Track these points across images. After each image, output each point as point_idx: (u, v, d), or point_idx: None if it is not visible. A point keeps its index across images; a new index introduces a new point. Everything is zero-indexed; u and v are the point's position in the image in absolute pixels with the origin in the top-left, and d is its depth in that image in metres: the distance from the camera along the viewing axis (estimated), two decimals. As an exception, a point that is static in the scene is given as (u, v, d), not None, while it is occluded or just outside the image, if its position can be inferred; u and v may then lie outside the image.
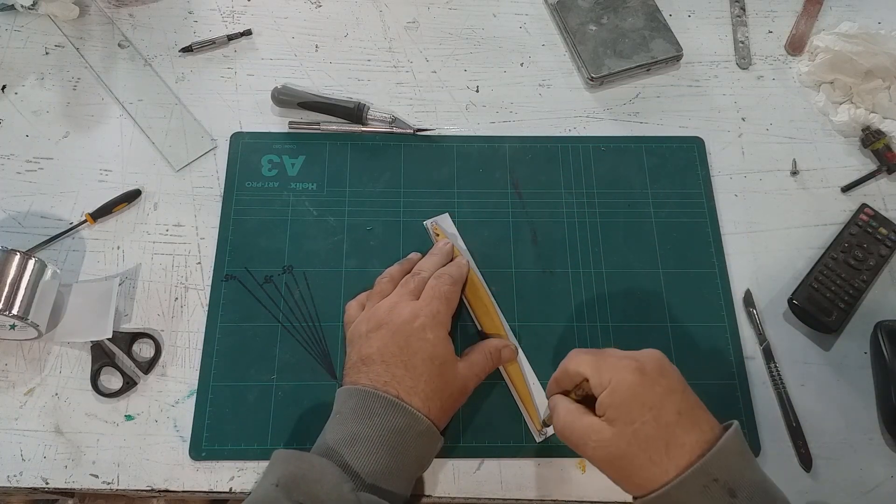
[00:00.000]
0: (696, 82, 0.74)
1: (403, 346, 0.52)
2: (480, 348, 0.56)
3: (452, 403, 0.53)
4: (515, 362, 0.59)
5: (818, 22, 0.78)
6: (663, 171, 0.69)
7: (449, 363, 0.53)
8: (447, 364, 0.53)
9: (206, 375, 0.59)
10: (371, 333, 0.53)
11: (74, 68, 0.72)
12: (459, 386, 0.53)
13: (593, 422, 0.46)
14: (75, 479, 0.56)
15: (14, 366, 0.59)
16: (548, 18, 0.78)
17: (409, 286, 0.56)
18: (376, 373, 0.51)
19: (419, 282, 0.56)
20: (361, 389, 0.50)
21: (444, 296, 0.55)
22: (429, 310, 0.54)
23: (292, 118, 0.70)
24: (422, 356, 0.52)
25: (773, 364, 0.60)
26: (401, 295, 0.55)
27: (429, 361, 0.51)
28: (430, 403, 0.50)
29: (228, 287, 0.62)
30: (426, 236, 0.65)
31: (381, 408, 0.49)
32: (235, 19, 0.76)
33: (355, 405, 0.50)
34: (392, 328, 0.53)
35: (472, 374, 0.55)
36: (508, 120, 0.72)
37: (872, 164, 0.70)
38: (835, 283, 0.62)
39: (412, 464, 0.50)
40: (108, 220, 0.65)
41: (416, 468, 0.50)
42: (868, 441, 0.59)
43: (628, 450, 0.44)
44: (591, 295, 0.63)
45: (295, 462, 0.46)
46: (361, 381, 0.51)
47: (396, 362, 0.51)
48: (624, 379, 0.45)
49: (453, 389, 0.53)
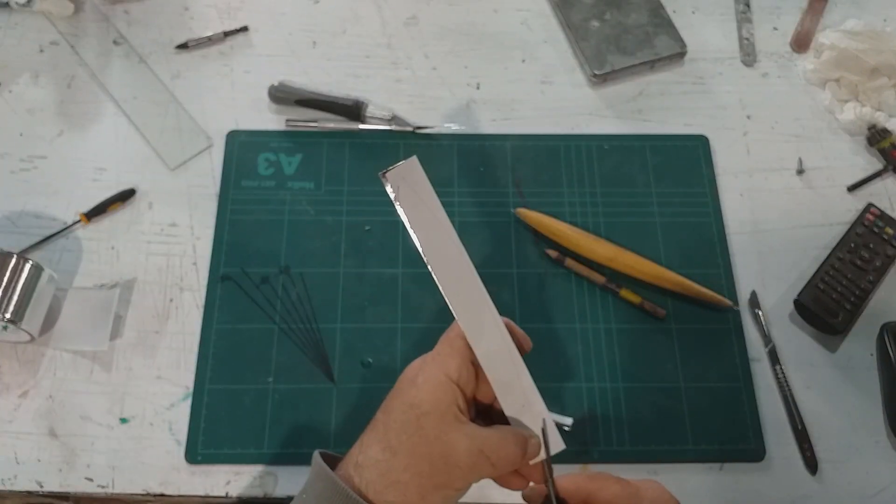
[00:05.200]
0: (701, 79, 0.73)
1: (391, 396, 0.41)
2: (502, 427, 0.40)
3: (431, 483, 0.38)
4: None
5: (823, 19, 0.77)
6: (667, 169, 0.68)
7: (434, 416, 0.38)
8: (430, 417, 0.38)
9: (202, 378, 0.58)
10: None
11: (69, 66, 0.72)
12: (442, 451, 0.38)
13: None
14: (70, 482, 0.55)
15: (8, 368, 0.59)
16: (549, 14, 0.77)
17: None
18: (362, 440, 0.41)
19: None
20: (327, 475, 0.39)
21: (448, 340, 0.41)
22: (431, 353, 0.41)
23: (289, 116, 0.69)
24: (401, 403, 0.39)
25: (779, 366, 0.60)
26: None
27: (407, 409, 0.39)
28: (395, 490, 0.38)
29: (224, 288, 0.61)
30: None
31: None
32: (232, 15, 0.75)
33: (319, 495, 0.39)
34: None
35: (473, 445, 0.38)
36: (510, 117, 0.71)
37: (878, 162, 0.69)
38: (841, 284, 0.61)
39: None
40: (103, 220, 0.64)
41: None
42: (874, 444, 0.58)
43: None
44: (593, 296, 0.62)
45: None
46: (353, 448, 0.41)
47: (378, 421, 0.40)
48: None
49: (433, 454, 0.38)
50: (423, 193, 0.41)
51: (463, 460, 0.38)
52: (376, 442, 0.39)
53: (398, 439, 0.38)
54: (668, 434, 0.57)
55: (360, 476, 0.38)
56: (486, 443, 0.38)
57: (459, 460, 0.38)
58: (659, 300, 0.62)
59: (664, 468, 0.57)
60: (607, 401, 0.58)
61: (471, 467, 0.38)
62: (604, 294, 0.62)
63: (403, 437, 0.38)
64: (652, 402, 0.58)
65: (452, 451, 0.38)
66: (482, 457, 0.38)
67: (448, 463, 0.38)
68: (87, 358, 0.59)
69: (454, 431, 0.38)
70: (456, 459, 0.38)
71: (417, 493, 0.38)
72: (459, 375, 0.40)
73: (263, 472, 0.56)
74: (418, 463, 0.38)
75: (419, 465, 0.38)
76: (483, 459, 0.38)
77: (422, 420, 0.38)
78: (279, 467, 0.56)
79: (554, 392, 0.58)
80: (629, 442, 0.57)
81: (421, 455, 0.38)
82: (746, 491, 0.56)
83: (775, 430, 0.58)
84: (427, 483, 0.38)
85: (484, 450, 0.38)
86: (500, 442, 0.39)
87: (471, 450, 0.38)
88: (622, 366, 0.60)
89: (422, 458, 0.38)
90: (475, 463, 0.38)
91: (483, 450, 0.38)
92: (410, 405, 0.39)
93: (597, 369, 0.59)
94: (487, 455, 0.38)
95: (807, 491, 0.56)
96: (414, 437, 0.38)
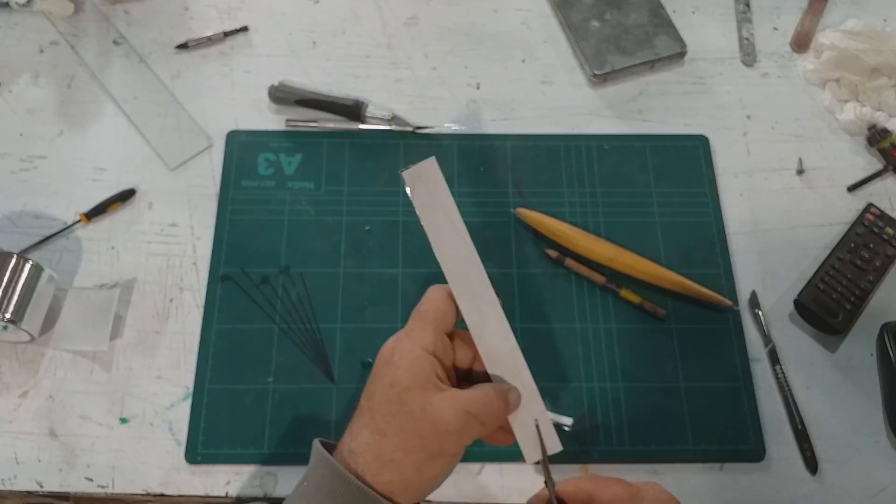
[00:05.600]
0: (701, 79, 0.73)
1: (371, 380, 0.41)
2: (480, 385, 0.41)
3: (425, 455, 0.38)
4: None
5: (823, 19, 0.77)
6: (668, 169, 0.68)
7: (414, 390, 0.39)
8: (412, 392, 0.39)
9: (202, 378, 0.58)
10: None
11: (69, 66, 0.71)
12: (429, 422, 0.38)
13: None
14: (70, 482, 0.55)
15: (8, 368, 0.59)
16: (549, 14, 0.77)
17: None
18: (350, 428, 0.41)
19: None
20: (327, 460, 0.40)
21: (420, 314, 0.42)
22: (403, 330, 0.41)
23: (289, 116, 0.69)
24: (381, 385, 0.40)
25: (779, 366, 0.60)
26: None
27: (388, 389, 0.39)
28: (391, 469, 0.38)
29: (224, 288, 0.61)
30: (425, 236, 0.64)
31: (342, 496, 0.39)
32: (232, 15, 0.75)
33: (319, 481, 0.40)
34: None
35: (458, 407, 0.39)
36: (510, 117, 0.71)
37: (879, 162, 0.69)
38: (841, 284, 0.61)
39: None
40: (103, 220, 0.64)
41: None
42: (874, 444, 0.58)
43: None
44: (593, 296, 0.62)
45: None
46: (344, 437, 0.41)
47: (363, 407, 0.41)
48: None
49: (422, 427, 0.38)
50: (439, 193, 0.42)
51: (452, 425, 0.38)
52: (364, 427, 0.40)
53: (384, 420, 0.39)
54: (668, 434, 0.57)
55: (356, 462, 0.39)
56: (470, 403, 0.39)
57: (449, 425, 0.38)
58: (659, 300, 0.62)
59: (664, 468, 0.57)
60: (607, 401, 0.58)
61: (461, 430, 0.39)
62: (604, 294, 0.62)
63: (389, 417, 0.39)
64: (652, 402, 0.58)
65: (440, 419, 0.38)
66: (469, 417, 0.39)
67: (438, 431, 0.38)
68: (87, 358, 0.59)
69: (438, 401, 0.39)
70: (445, 426, 0.38)
71: (413, 467, 0.38)
72: (435, 347, 0.40)
73: (263, 472, 0.56)
74: (408, 439, 0.38)
75: (410, 440, 0.38)
76: (471, 419, 0.39)
77: (404, 396, 0.39)
78: (279, 467, 0.56)
79: (554, 392, 0.58)
80: (629, 442, 0.57)
81: (409, 431, 0.38)
82: (746, 491, 0.56)
83: (775, 430, 0.58)
84: (421, 456, 0.38)
85: (470, 410, 0.39)
86: (483, 399, 0.40)
87: (457, 412, 0.38)
88: (622, 366, 0.60)
89: (411, 433, 0.38)
90: (464, 424, 0.39)
91: (469, 410, 0.39)
92: (391, 384, 0.39)
93: (597, 369, 0.59)
94: (475, 414, 0.39)
95: (807, 491, 0.56)
96: (399, 415, 0.39)
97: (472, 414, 0.39)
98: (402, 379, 0.39)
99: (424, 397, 0.39)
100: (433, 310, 0.41)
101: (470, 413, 0.39)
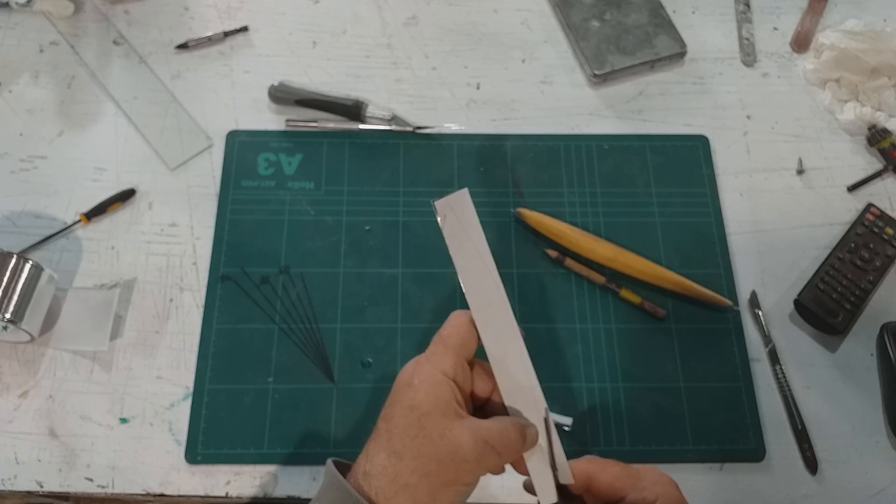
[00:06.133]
0: (701, 79, 0.73)
1: (389, 402, 0.40)
2: (500, 417, 0.41)
3: (440, 482, 0.38)
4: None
5: (823, 19, 0.77)
6: (668, 169, 0.68)
7: (434, 415, 0.38)
8: (431, 417, 0.38)
9: (202, 378, 0.58)
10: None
11: (69, 66, 0.71)
12: (447, 448, 0.38)
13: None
14: (70, 482, 0.55)
15: (8, 368, 0.59)
16: (549, 14, 0.77)
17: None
18: (367, 450, 0.40)
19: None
20: (340, 482, 0.39)
21: (442, 339, 0.41)
22: (424, 354, 0.41)
23: (289, 116, 0.69)
24: (401, 408, 0.39)
25: (779, 366, 0.60)
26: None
27: (407, 412, 0.39)
28: (405, 494, 0.38)
29: (224, 288, 0.61)
30: (425, 237, 0.64)
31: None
32: (232, 15, 0.75)
33: (331, 503, 0.40)
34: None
35: (477, 437, 0.38)
36: (510, 117, 0.71)
37: (878, 162, 0.69)
38: (841, 284, 0.61)
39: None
40: (103, 220, 0.64)
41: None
42: (874, 444, 0.58)
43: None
44: (593, 296, 0.62)
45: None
46: (359, 458, 0.41)
47: (381, 429, 0.40)
48: (672, 495, 0.42)
49: (440, 453, 0.38)
50: (469, 224, 0.42)
51: (470, 454, 0.38)
52: (381, 449, 0.39)
53: (402, 443, 0.38)
54: (667, 434, 0.57)
55: (370, 484, 0.38)
56: (489, 433, 0.38)
57: (467, 454, 0.38)
58: (659, 300, 0.62)
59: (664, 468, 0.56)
60: (607, 401, 0.58)
61: (478, 459, 0.38)
62: (604, 294, 0.62)
63: (407, 440, 0.38)
64: (652, 402, 0.58)
65: (458, 447, 0.38)
66: (487, 447, 0.38)
67: (455, 459, 0.38)
68: (87, 358, 0.59)
69: (457, 427, 0.38)
70: (463, 454, 0.38)
71: (427, 493, 0.38)
72: (455, 372, 0.40)
73: (263, 472, 0.56)
74: (425, 464, 0.38)
75: (426, 465, 0.38)
76: (489, 450, 0.38)
77: (423, 420, 0.38)
78: (279, 467, 0.56)
79: (554, 392, 0.58)
80: (629, 442, 0.57)
81: (427, 455, 0.38)
82: (746, 491, 0.56)
83: (775, 430, 0.58)
84: (436, 482, 0.38)
85: (488, 440, 0.38)
86: (502, 431, 0.39)
87: (476, 441, 0.38)
88: (622, 366, 0.60)
89: (428, 458, 0.38)
90: (482, 454, 0.38)
91: (487, 440, 0.38)
92: (410, 408, 0.39)
93: (597, 369, 0.59)
94: (493, 445, 0.38)
95: (807, 491, 0.56)
96: (417, 438, 0.38)
97: (490, 445, 0.38)
98: (422, 403, 0.39)
99: (444, 423, 0.38)
100: (455, 335, 0.41)
101: (488, 444, 0.38)
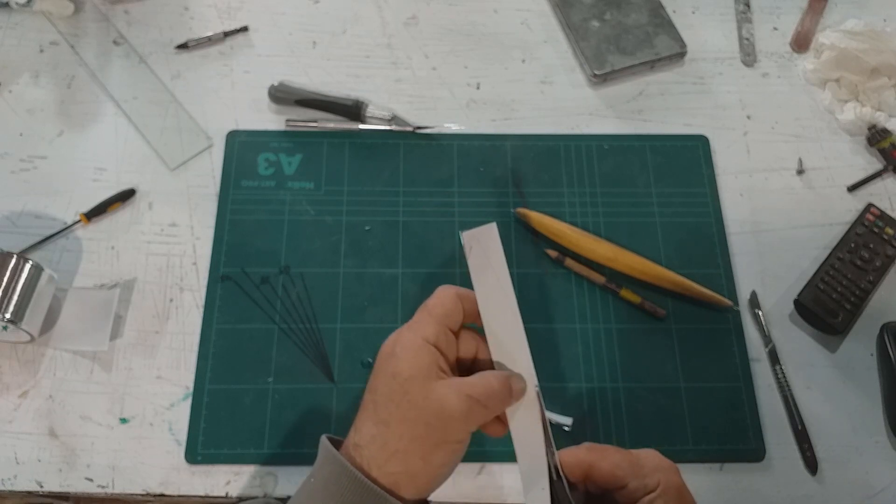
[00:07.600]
0: (701, 79, 0.73)
1: (373, 374, 0.41)
2: (484, 372, 0.41)
3: (430, 443, 0.38)
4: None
5: (823, 19, 0.77)
6: (668, 169, 0.68)
7: (417, 379, 0.39)
8: (414, 381, 0.38)
9: (202, 378, 0.58)
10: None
11: (69, 66, 0.71)
12: (433, 409, 0.38)
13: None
14: (70, 482, 0.55)
15: (8, 368, 0.59)
16: (549, 14, 0.77)
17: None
18: (355, 424, 0.41)
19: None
20: (333, 456, 0.40)
21: (426, 308, 0.41)
22: (406, 324, 0.41)
23: (289, 116, 0.69)
24: (384, 377, 0.40)
25: (779, 366, 0.60)
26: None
27: (390, 380, 0.39)
28: (396, 460, 0.38)
29: (224, 288, 0.61)
30: (425, 237, 0.64)
31: (348, 492, 0.39)
32: (232, 15, 0.75)
33: (326, 477, 0.40)
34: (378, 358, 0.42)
35: (461, 392, 0.38)
36: (510, 118, 0.71)
37: (878, 162, 0.69)
38: (841, 284, 0.61)
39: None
40: (103, 220, 0.64)
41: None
42: (874, 444, 0.58)
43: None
44: (593, 296, 0.62)
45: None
46: (349, 433, 0.41)
47: (367, 402, 0.40)
48: (673, 481, 0.41)
49: (426, 415, 0.38)
50: (493, 257, 0.43)
51: (456, 410, 0.38)
52: (368, 420, 0.40)
53: (388, 411, 0.39)
54: (667, 434, 0.57)
55: (360, 455, 0.39)
56: (472, 388, 0.39)
57: (453, 411, 0.38)
58: (659, 300, 0.62)
59: (664, 468, 0.57)
60: (607, 401, 0.58)
61: (464, 415, 0.38)
62: (604, 294, 0.62)
63: (392, 407, 0.39)
64: (652, 402, 0.58)
65: (443, 405, 0.38)
66: (472, 401, 0.38)
67: (442, 417, 0.38)
68: (87, 358, 0.59)
69: (440, 387, 0.39)
70: (449, 412, 0.38)
71: (419, 456, 0.38)
72: (437, 338, 0.40)
73: (263, 472, 0.56)
74: (413, 428, 0.38)
75: (414, 429, 0.38)
76: (474, 403, 0.38)
77: (406, 386, 0.39)
78: (279, 467, 0.56)
79: (554, 392, 0.58)
80: (629, 442, 0.57)
81: (413, 420, 0.38)
82: (746, 491, 0.56)
83: (775, 430, 0.58)
84: (426, 444, 0.38)
85: (472, 394, 0.38)
86: (485, 384, 0.39)
87: (460, 397, 0.38)
88: (622, 366, 0.60)
89: (415, 422, 0.38)
90: (468, 409, 0.38)
91: (471, 394, 0.38)
92: (393, 375, 0.39)
93: (597, 369, 0.59)
94: (477, 398, 0.38)
95: (807, 491, 0.56)
96: (402, 404, 0.38)
97: (474, 398, 0.38)
98: (403, 369, 0.39)
99: (427, 385, 0.38)
100: (440, 304, 0.41)
101: (472, 397, 0.38)
